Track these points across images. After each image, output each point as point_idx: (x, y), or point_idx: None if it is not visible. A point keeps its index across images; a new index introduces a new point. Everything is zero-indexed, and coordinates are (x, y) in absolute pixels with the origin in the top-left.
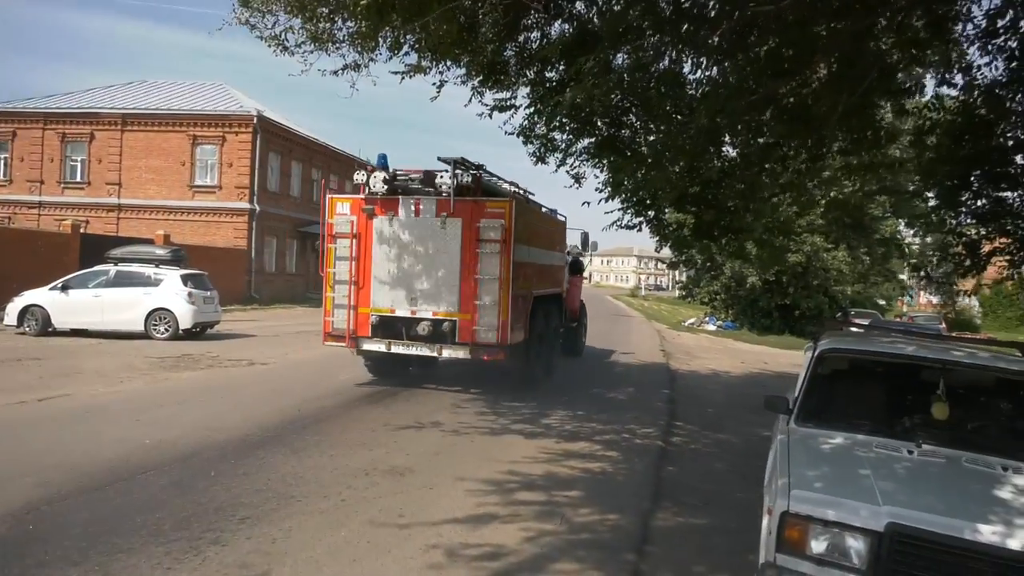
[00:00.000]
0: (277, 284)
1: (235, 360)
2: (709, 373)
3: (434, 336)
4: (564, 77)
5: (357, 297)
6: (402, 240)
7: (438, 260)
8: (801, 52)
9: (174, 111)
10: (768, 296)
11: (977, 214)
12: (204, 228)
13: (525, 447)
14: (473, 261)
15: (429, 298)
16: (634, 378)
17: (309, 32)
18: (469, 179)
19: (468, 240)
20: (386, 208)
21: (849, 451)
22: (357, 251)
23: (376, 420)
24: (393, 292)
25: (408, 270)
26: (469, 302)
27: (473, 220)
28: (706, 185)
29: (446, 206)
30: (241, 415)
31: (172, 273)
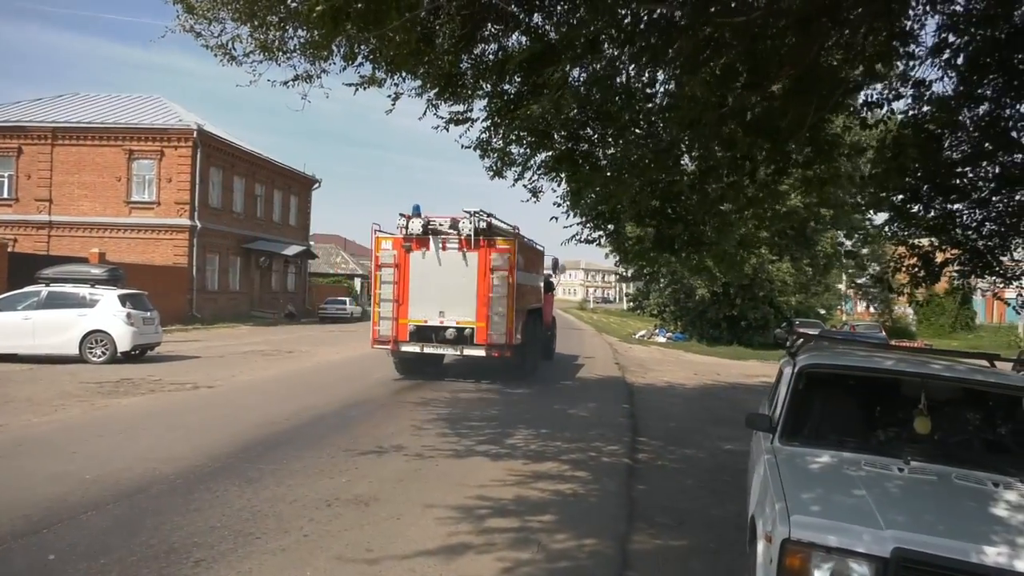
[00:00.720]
0: (220, 303)
1: (179, 384)
2: (665, 386)
3: (458, 339)
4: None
5: (398, 311)
6: (433, 269)
7: (460, 283)
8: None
9: (108, 125)
10: (716, 307)
11: (928, 226)
12: (142, 246)
13: (492, 469)
14: (487, 284)
15: (453, 311)
16: (593, 393)
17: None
18: (484, 224)
19: (483, 268)
20: (420, 245)
21: (839, 470)
22: (397, 277)
23: (335, 445)
24: (426, 307)
25: (437, 291)
26: (484, 314)
27: (487, 254)
28: (666, 198)
29: (467, 244)
30: (189, 444)
31: (109, 293)
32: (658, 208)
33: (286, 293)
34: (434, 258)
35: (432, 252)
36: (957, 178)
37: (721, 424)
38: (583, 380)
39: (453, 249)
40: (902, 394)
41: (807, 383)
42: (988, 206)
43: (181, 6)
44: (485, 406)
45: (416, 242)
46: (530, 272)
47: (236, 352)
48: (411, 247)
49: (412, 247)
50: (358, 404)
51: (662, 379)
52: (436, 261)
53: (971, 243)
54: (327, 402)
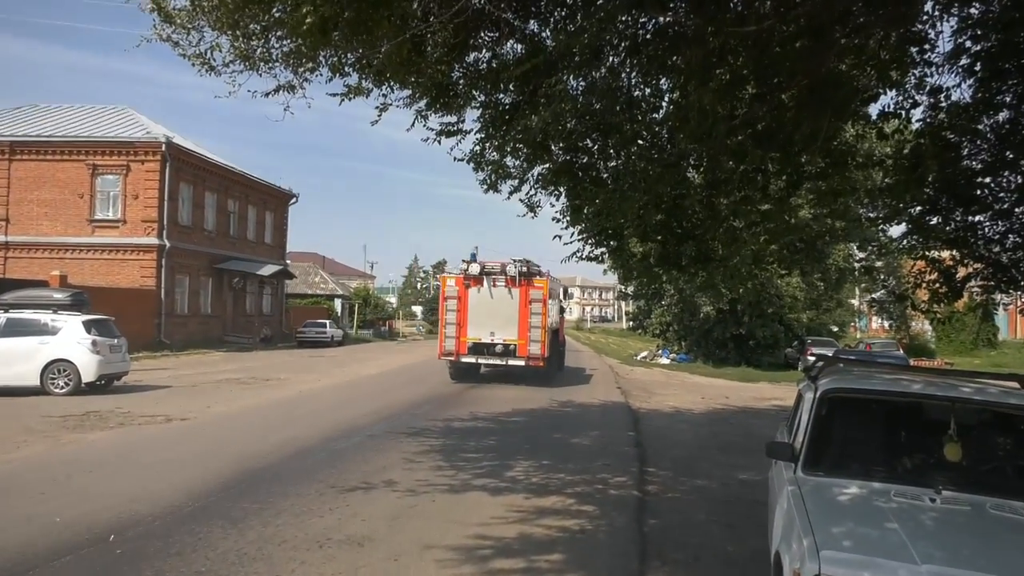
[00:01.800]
0: (191, 327)
1: (150, 416)
2: (671, 411)
3: (504, 353)
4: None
5: (459, 331)
6: (486, 300)
7: (507, 311)
8: (776, 73)
9: (70, 138)
10: (722, 326)
11: (947, 239)
12: (107, 267)
13: (492, 506)
14: (526, 311)
15: (501, 332)
16: (595, 420)
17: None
18: (524, 268)
19: (524, 300)
20: (476, 283)
21: (868, 502)
22: (458, 306)
23: (322, 481)
24: (480, 328)
25: (489, 316)
26: (524, 334)
27: (527, 290)
28: (673, 213)
29: (512, 283)
30: (165, 482)
31: (72, 319)
32: (664, 223)
33: (261, 316)
34: (487, 292)
35: (486, 288)
36: (977, 188)
37: (732, 452)
38: (584, 406)
39: (501, 286)
40: (930, 419)
41: (830, 408)
42: (1011, 217)
43: (158, 15)
44: (481, 435)
45: (474, 280)
46: (554, 301)
47: (209, 381)
48: (470, 284)
49: (470, 284)
50: (345, 436)
51: (668, 404)
52: (489, 295)
53: (993, 256)
54: (311, 434)
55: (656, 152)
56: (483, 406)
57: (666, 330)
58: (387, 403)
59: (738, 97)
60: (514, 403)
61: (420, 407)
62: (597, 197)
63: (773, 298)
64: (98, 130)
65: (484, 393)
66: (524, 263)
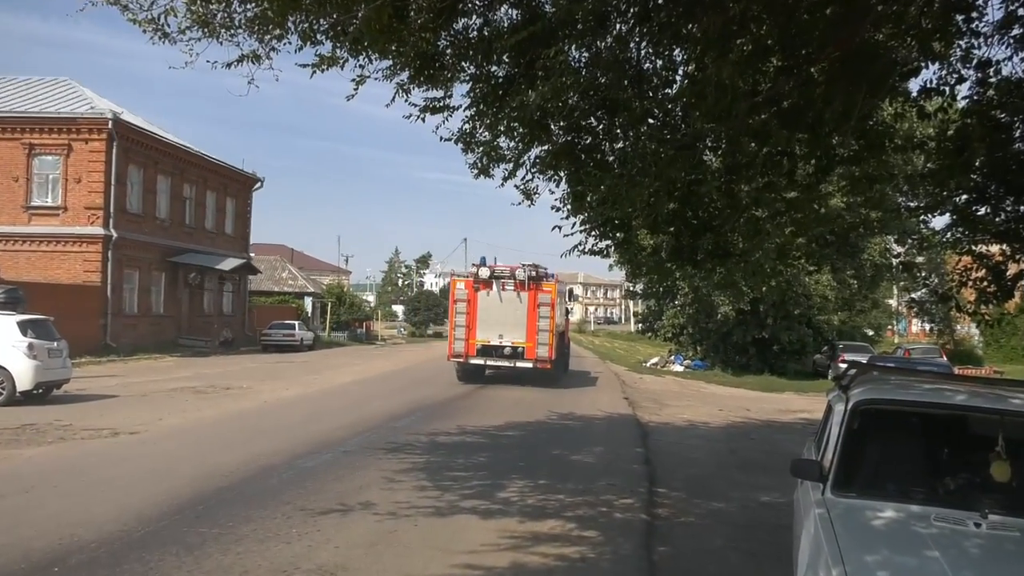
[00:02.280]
0: (141, 329)
1: (94, 430)
2: (685, 425)
3: (513, 355)
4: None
5: (468, 334)
6: (495, 303)
7: (515, 314)
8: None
9: (3, 114)
10: (743, 329)
11: (997, 231)
12: (45, 260)
13: (482, 531)
14: (534, 315)
15: (510, 334)
16: (599, 435)
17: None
18: (533, 273)
19: (532, 304)
20: (486, 286)
21: (906, 527)
22: (468, 308)
23: (290, 503)
24: (489, 331)
25: (498, 319)
26: (532, 336)
27: (535, 294)
28: (687, 202)
29: (521, 287)
30: (112, 504)
31: (5, 320)
32: (677, 213)
33: (221, 316)
34: (496, 296)
35: (495, 291)
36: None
37: (753, 471)
38: (586, 419)
39: (510, 289)
40: (976, 434)
41: (863, 421)
42: None
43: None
44: (470, 451)
45: (483, 284)
46: (560, 305)
47: (162, 389)
48: (479, 287)
49: (480, 287)
50: (316, 452)
51: (681, 417)
52: (498, 298)
53: None
54: (277, 449)
55: (668, 132)
56: (473, 419)
57: (679, 333)
58: (364, 415)
59: (761, 70)
60: (508, 416)
61: (401, 419)
62: (602, 183)
63: (800, 298)
64: (35, 105)
65: (474, 404)
66: (533, 267)
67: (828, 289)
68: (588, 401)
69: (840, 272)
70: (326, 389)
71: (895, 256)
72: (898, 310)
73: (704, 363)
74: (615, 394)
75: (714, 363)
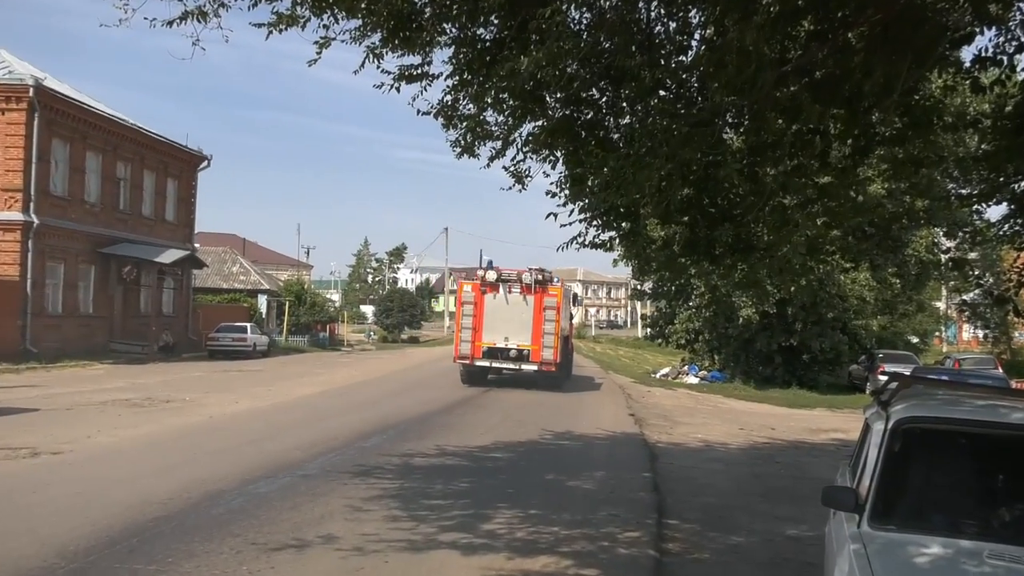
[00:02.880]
0: (67, 331)
1: (10, 449)
2: (700, 446)
3: (518, 358)
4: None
5: (474, 336)
6: (501, 306)
7: (521, 317)
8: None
9: None
10: (767, 335)
11: None
12: None
13: (464, 568)
14: (540, 318)
15: (515, 337)
16: (600, 457)
17: None
18: (540, 277)
19: (538, 308)
20: (492, 289)
21: (955, 566)
22: (475, 311)
23: (239, 535)
24: (495, 333)
25: (504, 322)
26: (538, 340)
27: (541, 298)
28: (705, 187)
29: (528, 290)
30: (31, 537)
31: None
32: (692, 199)
33: (161, 317)
34: (503, 299)
35: (501, 295)
36: None
37: (779, 500)
38: (586, 439)
39: (516, 293)
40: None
41: (906, 443)
42: None
43: None
44: (450, 476)
45: (490, 287)
46: (566, 309)
47: (91, 402)
48: (486, 290)
49: (487, 290)
50: (270, 475)
51: (695, 436)
52: (504, 301)
53: None
54: (225, 473)
55: (683, 106)
56: (455, 437)
57: (694, 340)
58: (327, 433)
59: (790, 36)
60: (495, 434)
61: (371, 438)
62: (605, 165)
63: (834, 299)
64: None
65: (456, 420)
66: (539, 271)
67: (866, 289)
68: (588, 418)
69: (880, 270)
70: (283, 403)
71: (944, 252)
72: (947, 314)
73: (722, 374)
74: (619, 410)
75: (734, 374)
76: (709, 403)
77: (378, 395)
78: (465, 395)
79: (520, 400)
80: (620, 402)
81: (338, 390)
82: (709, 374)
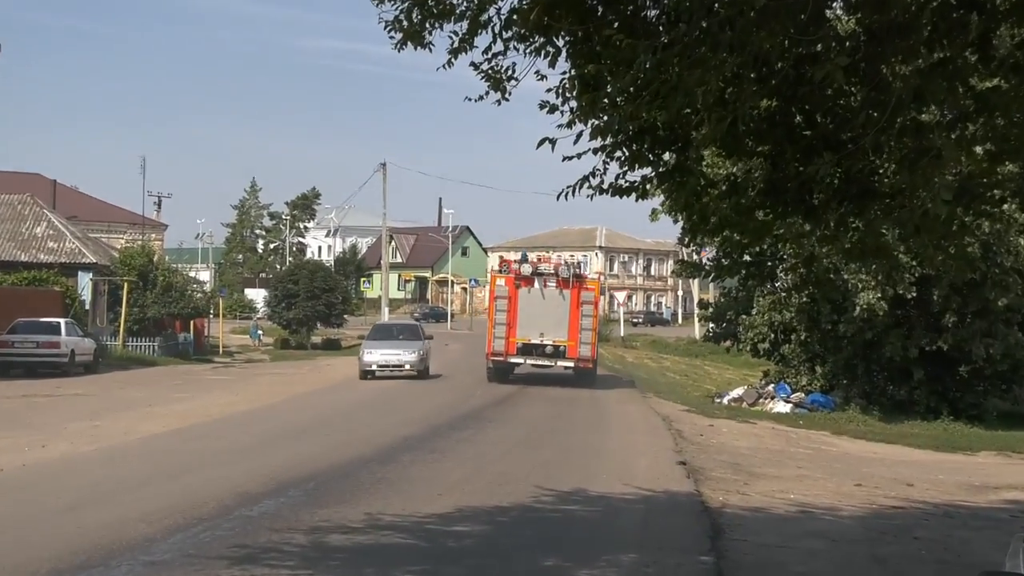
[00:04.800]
0: None
1: None
2: (792, 513)
3: (554, 354)
4: None
5: (508, 332)
6: (537, 301)
7: (557, 312)
8: None
9: None
10: (901, 334)
11: None
12: None
13: None
14: (577, 313)
15: (551, 332)
16: (630, 530)
17: None
18: (577, 270)
19: (575, 302)
20: (527, 283)
21: None
22: (508, 306)
23: None
24: (529, 329)
25: (539, 317)
26: (575, 335)
27: (578, 292)
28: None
29: (564, 284)
30: None
31: None
32: (776, 116)
33: None
34: (538, 293)
35: (536, 288)
36: None
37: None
38: (607, 500)
39: (552, 287)
40: None
41: None
42: None
43: None
44: (388, 564)
45: (525, 280)
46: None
47: None
48: (520, 284)
49: (521, 284)
50: (97, 565)
51: (784, 498)
52: (540, 295)
53: None
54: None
55: None
56: (396, 500)
57: (782, 342)
58: (191, 494)
59: None
60: (459, 495)
61: (261, 501)
62: (634, 60)
63: (1008, 276)
64: None
65: (401, 473)
66: (576, 265)
67: None
68: (611, 467)
69: None
70: (118, 446)
71: None
72: None
73: (828, 398)
74: (662, 455)
75: (847, 397)
76: (807, 444)
77: (273, 433)
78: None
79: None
80: (664, 442)
81: (207, 426)
82: (807, 398)
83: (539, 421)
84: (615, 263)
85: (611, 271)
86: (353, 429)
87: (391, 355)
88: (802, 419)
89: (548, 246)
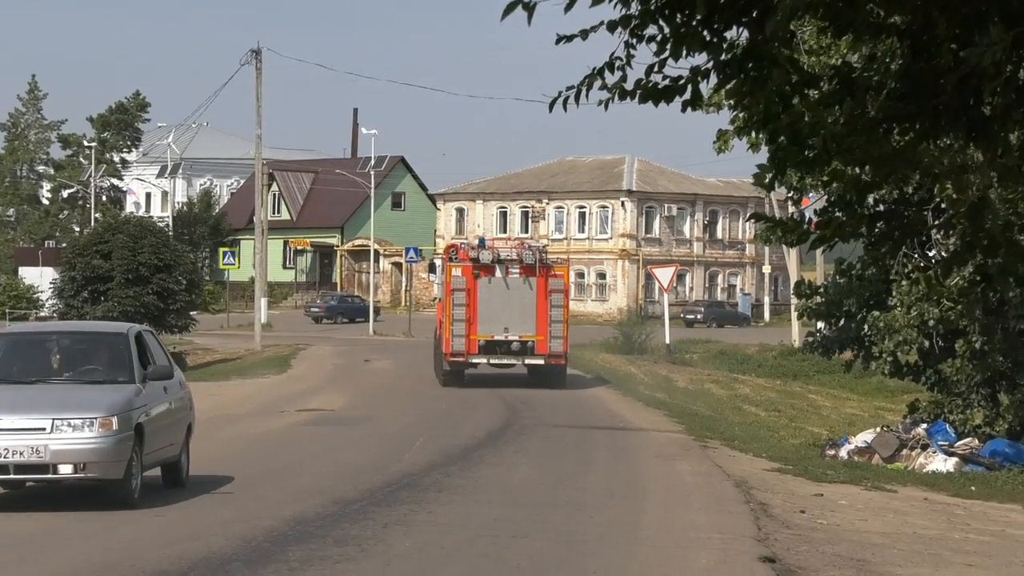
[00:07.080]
0: None
1: None
2: None
3: (521, 351)
4: None
5: (469, 329)
6: (499, 292)
7: (522, 303)
8: None
9: None
10: None
11: None
12: None
13: None
14: (545, 304)
15: (517, 326)
16: None
17: None
18: (542, 255)
19: (542, 291)
20: (487, 272)
21: None
22: (467, 299)
23: None
24: (492, 324)
25: (502, 310)
26: (544, 329)
27: (546, 280)
28: None
29: (529, 271)
30: None
31: None
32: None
33: None
34: (500, 283)
35: (498, 278)
36: None
37: None
38: None
39: (516, 275)
40: None
41: None
42: None
43: None
44: None
45: (484, 270)
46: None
47: None
48: (479, 274)
49: (480, 274)
50: None
51: None
52: (503, 285)
53: None
54: None
55: None
56: None
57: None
58: None
59: None
60: None
61: None
62: None
63: None
64: None
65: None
66: (539, 249)
67: None
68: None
69: None
70: None
71: None
72: None
73: (1021, 447)
74: (735, 544)
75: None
76: (983, 525)
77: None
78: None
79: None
80: (739, 525)
81: None
82: (984, 447)
83: (525, 490)
84: (654, 219)
85: (646, 232)
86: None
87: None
88: (975, 482)
89: (539, 191)
